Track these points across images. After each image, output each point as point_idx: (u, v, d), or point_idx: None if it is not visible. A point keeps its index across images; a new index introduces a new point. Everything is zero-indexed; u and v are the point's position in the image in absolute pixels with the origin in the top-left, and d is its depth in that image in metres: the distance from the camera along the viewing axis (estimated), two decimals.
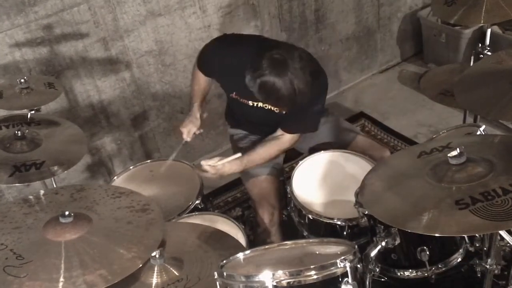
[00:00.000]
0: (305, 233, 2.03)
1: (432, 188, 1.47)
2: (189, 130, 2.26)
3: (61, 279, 1.28)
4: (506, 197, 1.33)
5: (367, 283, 1.65)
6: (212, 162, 2.03)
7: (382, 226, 1.65)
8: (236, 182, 3.00)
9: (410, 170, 1.62)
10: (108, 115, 2.90)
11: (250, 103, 2.15)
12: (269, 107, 2.13)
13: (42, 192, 1.67)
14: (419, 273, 1.72)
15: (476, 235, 1.71)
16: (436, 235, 1.34)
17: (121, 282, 1.30)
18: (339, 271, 1.33)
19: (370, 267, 1.62)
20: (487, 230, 1.44)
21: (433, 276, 1.71)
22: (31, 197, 1.61)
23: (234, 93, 2.17)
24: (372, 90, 3.78)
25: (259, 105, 2.14)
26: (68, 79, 2.68)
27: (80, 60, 2.67)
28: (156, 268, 1.50)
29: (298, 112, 2.04)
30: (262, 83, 1.86)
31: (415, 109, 3.48)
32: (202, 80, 2.31)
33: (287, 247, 1.52)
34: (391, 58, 3.99)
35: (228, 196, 3.01)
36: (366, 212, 1.69)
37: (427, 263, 1.66)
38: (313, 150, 2.27)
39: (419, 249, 1.66)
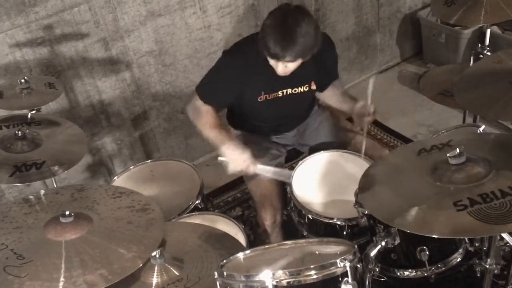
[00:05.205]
0: (305, 233, 2.03)
1: (431, 188, 1.47)
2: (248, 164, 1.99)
3: (62, 278, 1.28)
4: (504, 200, 1.32)
5: (367, 283, 1.65)
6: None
7: (382, 226, 1.65)
8: (236, 182, 3.00)
9: (409, 168, 1.63)
10: (108, 115, 2.90)
11: (280, 93, 2.14)
12: (300, 89, 2.15)
13: (42, 192, 1.68)
14: (418, 273, 1.72)
15: None
16: (434, 236, 1.35)
17: (121, 282, 1.31)
18: (339, 271, 1.33)
19: (370, 267, 1.62)
20: (484, 233, 1.45)
21: (432, 276, 1.71)
22: (31, 197, 1.62)
23: (262, 93, 2.12)
24: (372, 90, 3.77)
25: (288, 92, 2.15)
26: (69, 79, 2.68)
27: (80, 60, 2.68)
28: (156, 268, 1.50)
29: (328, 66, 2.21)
30: (275, 27, 1.87)
31: (414, 109, 3.48)
32: (217, 118, 2.12)
33: (287, 247, 1.53)
34: (391, 58, 3.99)
35: (228, 196, 3.01)
36: (366, 211, 1.70)
37: (426, 263, 1.66)
38: (313, 150, 2.28)
39: (418, 249, 1.66)
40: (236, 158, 1.98)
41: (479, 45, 2.46)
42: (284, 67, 1.96)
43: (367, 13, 3.63)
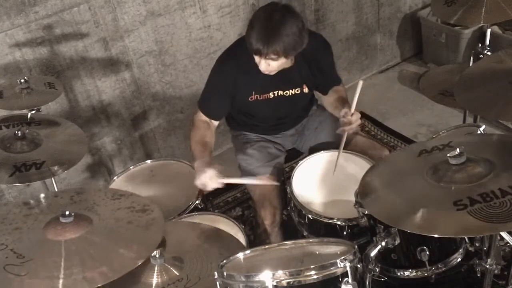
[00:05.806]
0: (305, 233, 2.03)
1: (432, 188, 1.47)
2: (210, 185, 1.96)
3: (61, 276, 1.29)
4: (504, 199, 1.32)
5: (367, 283, 1.65)
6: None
7: (382, 226, 1.65)
8: None
9: (409, 169, 1.62)
10: (108, 115, 2.90)
11: (271, 95, 2.14)
12: (292, 92, 2.15)
13: (42, 195, 1.67)
14: (419, 273, 1.72)
15: None
16: (435, 235, 1.35)
17: (122, 282, 1.31)
18: (339, 271, 1.33)
19: (370, 267, 1.62)
20: (484, 232, 1.44)
21: (433, 276, 1.71)
22: (31, 201, 1.62)
23: (253, 93, 2.13)
24: (372, 90, 3.78)
25: (280, 93, 2.15)
26: (68, 79, 2.68)
27: (80, 60, 2.67)
28: (156, 268, 1.50)
29: (325, 68, 2.19)
30: (260, 23, 1.86)
31: (414, 109, 3.48)
32: (210, 135, 2.15)
33: (287, 247, 1.53)
34: (391, 58, 3.99)
35: (228, 196, 3.01)
36: (366, 212, 1.69)
37: (427, 263, 1.66)
38: (313, 150, 2.28)
39: (419, 249, 1.66)
40: (201, 175, 1.96)
41: (479, 45, 2.46)
42: (267, 65, 1.96)
43: (367, 13, 3.63)
